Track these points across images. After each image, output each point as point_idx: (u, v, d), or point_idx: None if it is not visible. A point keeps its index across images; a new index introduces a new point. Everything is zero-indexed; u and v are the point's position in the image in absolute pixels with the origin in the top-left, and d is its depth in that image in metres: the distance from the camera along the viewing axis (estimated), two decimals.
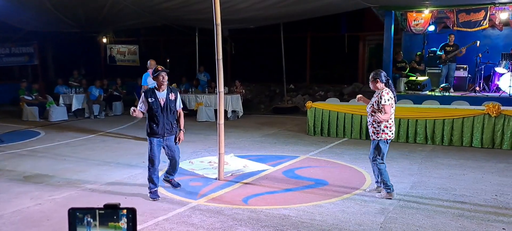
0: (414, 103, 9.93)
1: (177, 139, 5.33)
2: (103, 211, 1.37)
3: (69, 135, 9.86)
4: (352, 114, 9.33)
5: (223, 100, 5.97)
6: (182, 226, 4.27)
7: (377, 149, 5.15)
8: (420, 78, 12.24)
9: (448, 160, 7.11)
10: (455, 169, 6.52)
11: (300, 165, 6.97)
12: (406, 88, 12.13)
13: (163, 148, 5.28)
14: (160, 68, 5.12)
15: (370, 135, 5.26)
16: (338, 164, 6.99)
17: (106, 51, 18.28)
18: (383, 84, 5.09)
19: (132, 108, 5.13)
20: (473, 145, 8.20)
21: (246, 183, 5.83)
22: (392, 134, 5.14)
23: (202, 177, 6.17)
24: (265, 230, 4.14)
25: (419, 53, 13.28)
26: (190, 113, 12.98)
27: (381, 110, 4.99)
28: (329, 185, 5.76)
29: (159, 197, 5.14)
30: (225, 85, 13.35)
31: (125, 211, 1.37)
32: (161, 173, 5.68)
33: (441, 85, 11.72)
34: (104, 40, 17.80)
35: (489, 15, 10.99)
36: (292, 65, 16.10)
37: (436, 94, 11.28)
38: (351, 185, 5.72)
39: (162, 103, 5.11)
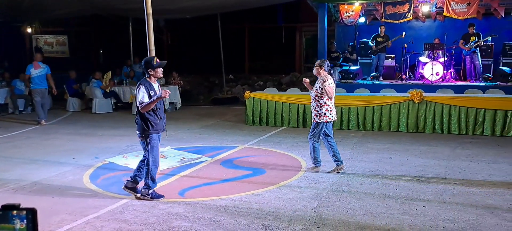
0: (347, 92, 10.34)
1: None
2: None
3: None
4: (289, 103, 9.53)
5: None
6: (114, 223, 4.14)
7: (316, 129, 5.76)
8: (353, 67, 12.77)
9: (377, 145, 7.51)
10: (383, 153, 6.89)
11: (238, 155, 7.01)
12: (340, 77, 12.59)
13: None
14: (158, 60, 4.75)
15: (313, 117, 5.81)
16: (275, 153, 7.12)
17: (31, 42, 17.13)
18: (326, 72, 5.68)
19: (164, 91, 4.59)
20: (399, 130, 8.71)
21: (183, 176, 5.77)
22: (332, 116, 5.74)
23: None
24: (201, 222, 4.12)
25: (351, 44, 13.83)
26: (125, 106, 12.59)
27: (323, 95, 5.63)
28: (267, 173, 5.86)
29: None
30: (162, 76, 13.10)
31: (24, 212, 1.30)
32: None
33: (372, 74, 12.32)
34: (29, 30, 16.67)
35: (413, 7, 11.69)
36: (231, 56, 16.12)
37: (367, 82, 11.84)
38: (287, 172, 5.85)
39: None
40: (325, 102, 5.65)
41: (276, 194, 4.93)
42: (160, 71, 4.79)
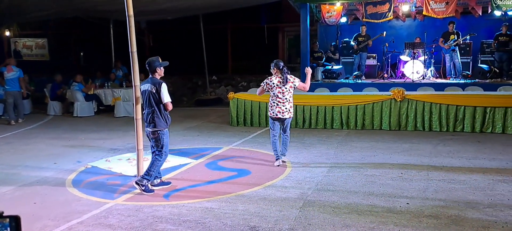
0: (330, 91, 10.42)
1: None
2: None
3: None
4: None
5: (139, 95, 5.76)
6: (99, 227, 4.08)
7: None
8: (335, 67, 12.87)
9: (361, 143, 7.58)
10: (367, 151, 6.97)
11: (223, 156, 6.99)
12: (323, 77, 12.68)
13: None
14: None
15: (291, 114, 6.29)
16: (260, 153, 7.13)
17: (10, 46, 16.77)
18: (277, 70, 6.26)
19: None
20: (382, 128, 8.82)
21: (168, 179, 5.71)
22: (272, 112, 6.25)
23: (120, 175, 5.94)
24: (186, 225, 4.10)
25: (333, 43, 13.93)
26: (108, 109, 12.43)
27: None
28: (252, 174, 5.86)
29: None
30: (145, 78, 12.98)
31: (7, 220, 1.27)
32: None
33: (354, 73, 12.45)
34: (7, 33, 16.31)
35: (393, 7, 11.85)
36: (214, 56, 16.06)
37: (350, 82, 11.95)
38: (272, 173, 5.86)
39: None
40: (270, 98, 6.28)
41: (261, 195, 4.93)
42: (163, 70, 5.20)
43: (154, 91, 5.01)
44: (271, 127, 6.31)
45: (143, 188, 5.02)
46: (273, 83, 6.22)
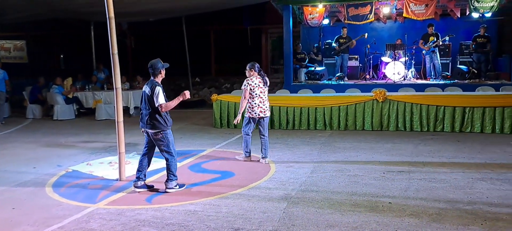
0: (313, 92, 10.48)
1: None
2: None
3: None
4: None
5: (121, 97, 5.71)
6: None
7: (244, 122, 6.54)
8: (318, 68, 12.96)
9: (344, 144, 7.64)
10: (350, 152, 7.02)
11: (206, 158, 6.96)
12: (306, 78, 12.75)
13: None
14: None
15: (269, 112, 6.56)
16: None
17: None
18: (255, 73, 6.44)
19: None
20: (365, 129, 8.91)
21: (151, 182, 5.66)
22: (254, 113, 6.44)
23: (101, 179, 5.85)
24: (169, 228, 4.06)
25: (316, 45, 14.03)
26: (89, 112, 12.25)
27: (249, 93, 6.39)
28: (236, 176, 5.84)
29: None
30: (126, 80, 12.84)
31: None
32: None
33: (337, 75, 12.55)
34: None
35: (374, 9, 11.99)
36: (197, 58, 15.99)
37: (333, 83, 12.05)
38: (256, 174, 5.86)
39: None
40: (251, 99, 6.41)
41: (245, 197, 4.92)
42: (164, 72, 5.24)
43: (150, 94, 5.05)
44: (248, 127, 6.48)
45: (177, 187, 5.24)
46: (255, 84, 6.38)
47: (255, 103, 6.38)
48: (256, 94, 6.36)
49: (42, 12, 12.43)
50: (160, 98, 5.02)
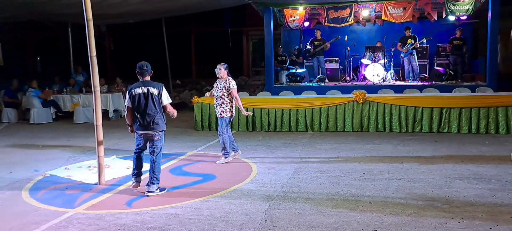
0: (294, 94, 10.53)
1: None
2: None
3: None
4: (237, 107, 9.50)
5: (100, 100, 5.62)
6: None
7: (223, 124, 6.51)
8: (299, 70, 13.04)
9: (325, 145, 7.70)
10: (331, 153, 7.08)
11: (187, 161, 6.91)
12: (288, 80, 12.81)
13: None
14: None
15: (218, 114, 6.58)
16: None
17: None
18: (226, 73, 6.57)
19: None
20: (345, 130, 9.00)
21: (131, 185, 5.58)
22: (234, 111, 6.64)
23: (80, 184, 5.74)
24: None
25: (297, 47, 14.12)
26: (66, 115, 12.03)
27: (229, 94, 6.49)
28: (217, 178, 5.82)
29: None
30: (105, 83, 12.66)
31: None
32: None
33: (318, 77, 12.65)
34: None
35: (354, 12, 12.15)
36: (177, 60, 15.90)
37: (314, 85, 12.14)
38: (238, 176, 5.84)
39: None
40: (230, 100, 6.51)
41: (227, 199, 4.90)
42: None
43: (156, 93, 5.12)
44: (228, 127, 6.62)
45: (158, 190, 5.19)
46: (235, 85, 6.62)
47: (233, 104, 6.56)
48: (233, 95, 6.55)
49: (18, 14, 12.16)
50: (168, 97, 5.30)
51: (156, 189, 5.18)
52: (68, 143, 8.63)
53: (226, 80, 6.50)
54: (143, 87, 5.12)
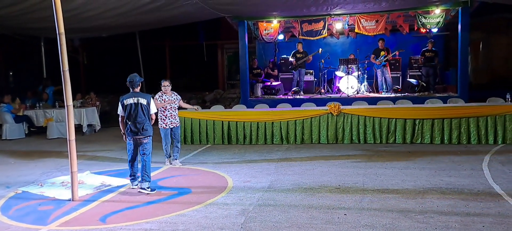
0: (270, 107, 10.59)
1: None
2: None
3: None
4: (214, 120, 9.51)
5: (72, 115, 5.53)
6: None
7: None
8: (274, 83, 13.13)
9: (301, 157, 7.76)
10: (306, 165, 7.14)
11: (163, 175, 6.84)
12: (263, 93, 12.88)
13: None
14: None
15: (177, 123, 7.62)
16: (201, 171, 7.05)
17: None
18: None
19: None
20: (321, 142, 9.09)
21: (105, 201, 5.49)
22: (165, 124, 7.55)
23: (53, 200, 5.60)
24: None
25: (272, 60, 14.24)
26: (40, 131, 11.74)
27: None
28: (193, 192, 5.78)
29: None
30: (81, 97, 12.42)
31: None
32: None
33: (293, 89, 12.77)
34: None
35: (327, 25, 12.38)
36: (152, 74, 15.74)
37: (289, 97, 12.23)
38: (214, 190, 5.82)
39: None
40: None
41: (202, 213, 4.87)
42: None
43: (145, 103, 5.83)
44: (166, 136, 7.47)
45: (149, 189, 5.75)
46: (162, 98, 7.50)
47: (175, 114, 7.58)
48: (175, 107, 7.61)
49: None
50: (156, 106, 6.20)
51: (148, 188, 5.75)
52: (41, 158, 8.41)
53: (172, 94, 7.67)
54: (134, 98, 5.81)
